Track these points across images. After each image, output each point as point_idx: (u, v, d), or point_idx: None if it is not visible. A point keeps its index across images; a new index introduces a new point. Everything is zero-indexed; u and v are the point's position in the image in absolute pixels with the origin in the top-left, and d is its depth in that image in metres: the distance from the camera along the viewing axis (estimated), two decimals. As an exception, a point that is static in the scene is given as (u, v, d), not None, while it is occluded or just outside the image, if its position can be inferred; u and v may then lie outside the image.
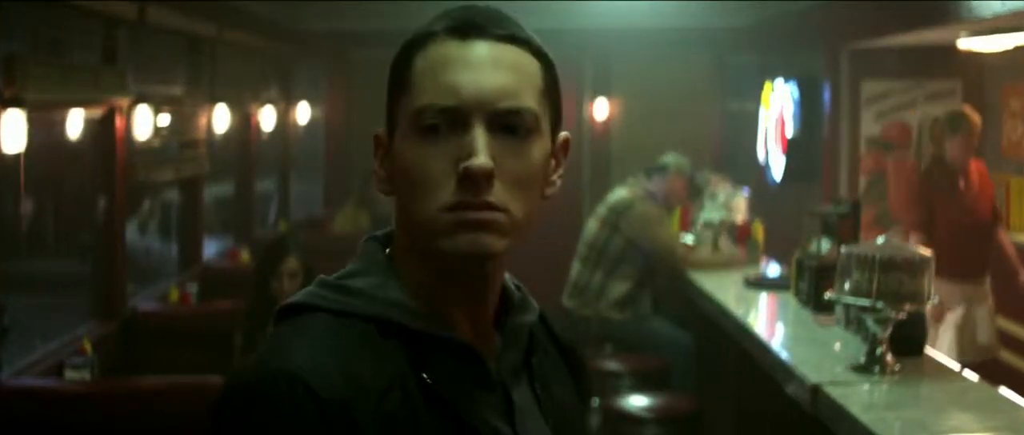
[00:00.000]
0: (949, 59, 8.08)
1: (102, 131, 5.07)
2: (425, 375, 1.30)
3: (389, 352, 1.31)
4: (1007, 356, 7.77)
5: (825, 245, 5.25)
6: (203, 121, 6.37)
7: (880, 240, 4.14)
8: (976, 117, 6.51)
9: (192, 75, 6.29)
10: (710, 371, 6.04)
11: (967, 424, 3.73)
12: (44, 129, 4.70)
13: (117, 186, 5.12)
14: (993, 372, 5.73)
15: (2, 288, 4.23)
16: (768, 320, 5.42)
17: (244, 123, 7.64)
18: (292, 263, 4.83)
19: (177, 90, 6.09)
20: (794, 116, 8.72)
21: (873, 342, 4.06)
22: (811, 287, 5.11)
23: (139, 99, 5.20)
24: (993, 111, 8.84)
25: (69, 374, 4.45)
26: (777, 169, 8.80)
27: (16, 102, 3.93)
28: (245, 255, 7.00)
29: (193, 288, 6.04)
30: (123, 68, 5.04)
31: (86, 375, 4.47)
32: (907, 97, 8.82)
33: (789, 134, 8.73)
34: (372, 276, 1.38)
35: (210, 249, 7.20)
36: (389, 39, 7.10)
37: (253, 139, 7.82)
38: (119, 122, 5.05)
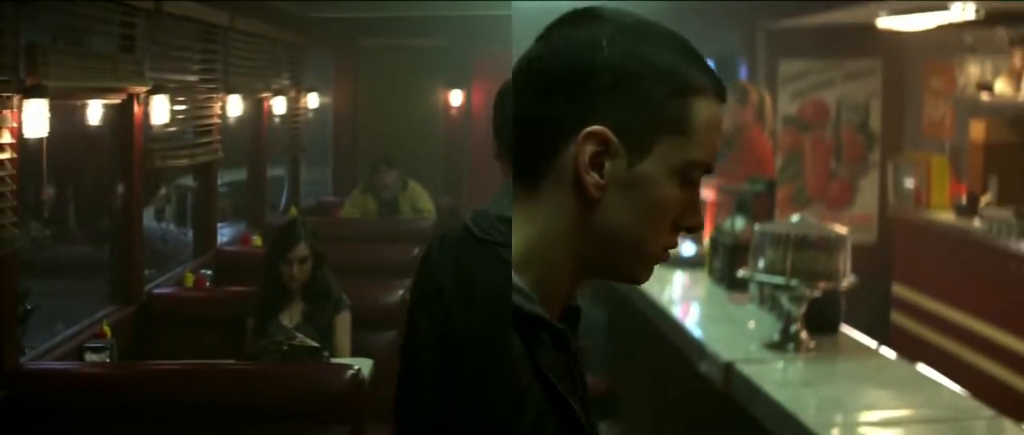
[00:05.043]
0: (869, 38, 8.12)
1: (120, 119, 5.14)
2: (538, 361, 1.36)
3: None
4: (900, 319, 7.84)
5: (740, 223, 5.25)
6: (217, 108, 6.45)
7: (795, 218, 4.17)
8: (754, 91, 6.81)
9: (206, 63, 6.36)
10: (624, 351, 6.04)
11: (884, 401, 3.74)
12: (65, 117, 4.77)
13: (135, 173, 5.19)
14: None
15: (25, 273, 4.30)
16: (682, 299, 5.39)
17: (256, 110, 7.72)
18: (302, 249, 4.90)
19: (192, 78, 6.16)
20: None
21: (787, 320, 4.07)
22: (725, 265, 5.11)
23: (156, 87, 5.27)
24: (914, 90, 8.92)
25: (89, 357, 4.53)
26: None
27: (38, 90, 3.99)
28: (258, 240, 7.07)
29: (208, 273, 6.12)
30: (141, 57, 5.11)
31: (105, 358, 4.56)
32: (825, 76, 8.88)
33: None
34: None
35: (224, 235, 7.28)
36: (397, 28, 7.12)
37: (265, 126, 7.90)
38: (137, 110, 5.13)
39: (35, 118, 3.96)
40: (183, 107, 5.91)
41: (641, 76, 1.37)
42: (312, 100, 9.19)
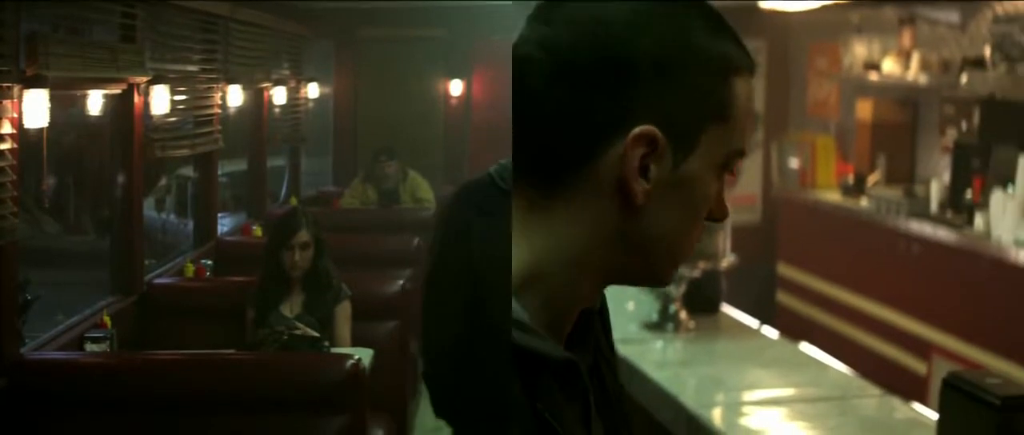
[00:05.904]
0: (753, 19, 8.11)
1: (120, 109, 5.14)
2: (537, 404, 1.17)
3: None
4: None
5: None
6: (217, 98, 6.45)
7: None
8: None
9: (206, 53, 6.36)
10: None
11: (765, 380, 3.73)
12: (65, 107, 4.77)
13: (135, 163, 5.20)
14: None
15: (25, 264, 4.30)
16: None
17: (256, 101, 7.72)
18: (303, 235, 4.91)
19: (192, 68, 6.16)
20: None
21: (666, 300, 4.08)
22: None
23: (156, 77, 5.27)
24: (799, 71, 8.94)
25: (89, 347, 4.54)
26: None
27: (38, 80, 3.99)
28: (258, 230, 7.07)
29: (208, 263, 6.12)
30: (141, 47, 5.11)
31: (106, 348, 4.56)
32: None
33: None
34: None
35: (224, 225, 7.28)
36: (397, 18, 7.12)
37: (265, 116, 7.91)
38: (137, 100, 5.13)
39: (35, 108, 3.96)
40: (183, 97, 5.91)
41: (686, 62, 1.20)
42: (312, 90, 9.19)
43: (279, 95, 8.08)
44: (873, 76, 7.68)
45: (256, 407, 3.94)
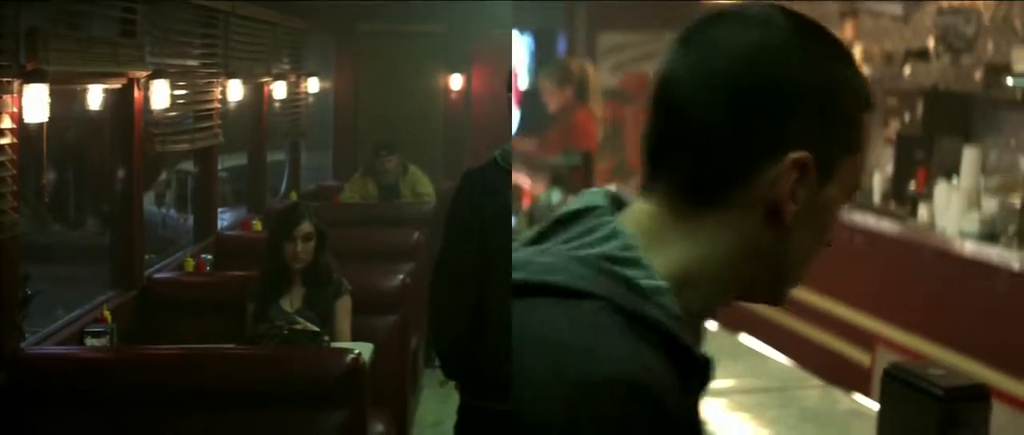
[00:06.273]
0: (689, 10, 8.12)
1: (120, 104, 5.14)
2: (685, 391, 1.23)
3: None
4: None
5: (556, 196, 5.22)
6: (217, 93, 6.45)
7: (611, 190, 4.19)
8: (576, 66, 6.88)
9: (206, 48, 6.36)
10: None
11: None
12: (65, 102, 4.77)
13: (135, 158, 5.20)
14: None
15: (25, 259, 4.30)
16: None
17: (256, 95, 7.72)
18: (306, 227, 4.92)
19: (192, 63, 6.16)
20: (529, 68, 8.61)
21: None
22: None
23: (156, 72, 5.27)
24: None
25: (89, 341, 4.54)
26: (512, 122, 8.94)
27: (38, 75, 3.99)
28: (258, 225, 7.08)
29: (208, 258, 6.13)
30: (141, 42, 5.11)
31: (106, 343, 4.57)
32: (647, 49, 8.83)
33: (523, 87, 8.63)
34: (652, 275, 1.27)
35: (224, 219, 7.28)
36: (397, 13, 7.10)
37: (265, 111, 7.91)
38: (137, 95, 5.13)
39: (35, 103, 3.97)
40: (183, 92, 5.91)
41: (836, 93, 1.28)
42: (312, 85, 9.19)
43: (279, 90, 8.08)
44: None
45: (256, 402, 3.95)
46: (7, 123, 3.84)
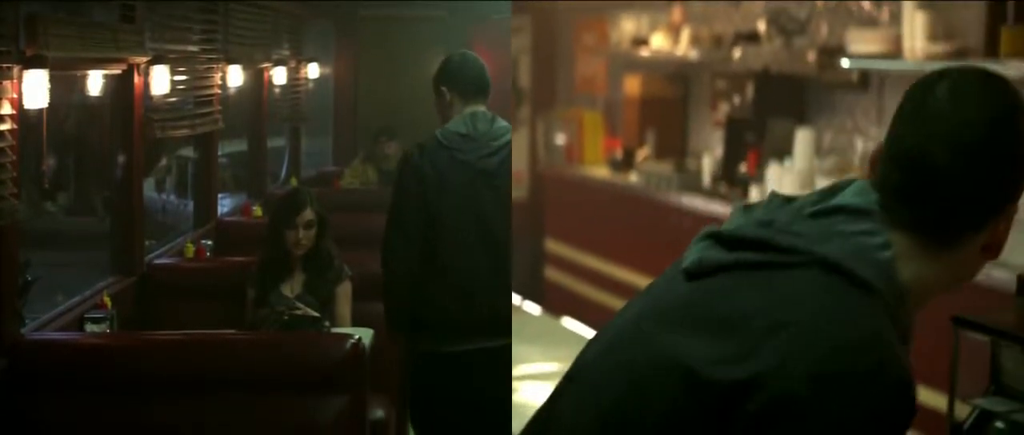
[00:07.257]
0: None
1: (120, 90, 5.14)
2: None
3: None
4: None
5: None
6: (217, 79, 6.44)
7: None
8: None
9: (206, 34, 6.35)
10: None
11: (527, 355, 3.74)
12: (65, 88, 4.76)
13: (135, 143, 5.19)
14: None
15: (26, 244, 4.30)
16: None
17: (256, 81, 7.71)
18: (308, 214, 4.92)
19: (192, 48, 6.15)
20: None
21: None
22: None
23: (156, 58, 5.26)
24: (566, 48, 8.91)
25: (90, 328, 4.54)
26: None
27: (38, 61, 3.99)
28: (258, 210, 7.07)
29: (208, 243, 6.13)
30: (141, 27, 5.11)
31: (106, 329, 4.57)
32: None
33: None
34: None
35: (224, 205, 7.28)
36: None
37: (265, 97, 7.90)
38: (137, 80, 5.12)
39: (35, 89, 3.96)
40: (183, 77, 5.90)
41: None
42: (312, 70, 9.17)
43: (279, 75, 8.07)
44: (643, 52, 7.66)
45: (256, 387, 3.95)
46: (7, 109, 3.84)
